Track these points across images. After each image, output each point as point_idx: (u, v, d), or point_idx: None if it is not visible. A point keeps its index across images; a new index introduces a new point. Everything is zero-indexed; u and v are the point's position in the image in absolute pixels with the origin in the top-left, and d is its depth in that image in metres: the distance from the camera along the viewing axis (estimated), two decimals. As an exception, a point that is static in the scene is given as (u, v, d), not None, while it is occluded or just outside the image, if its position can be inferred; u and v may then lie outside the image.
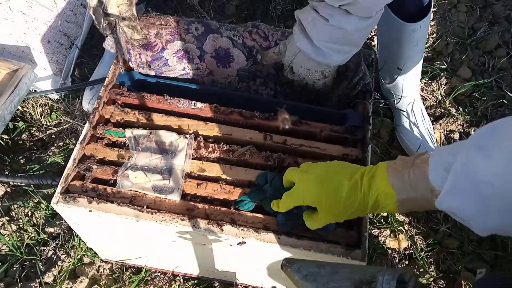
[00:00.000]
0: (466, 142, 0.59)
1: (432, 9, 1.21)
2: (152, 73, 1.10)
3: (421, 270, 1.26)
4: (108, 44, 1.07)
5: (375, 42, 1.62)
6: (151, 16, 1.06)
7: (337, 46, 0.90)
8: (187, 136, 0.96)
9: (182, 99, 1.02)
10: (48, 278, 1.20)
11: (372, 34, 1.69)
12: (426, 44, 1.66)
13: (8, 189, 1.38)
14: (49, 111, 1.51)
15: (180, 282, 1.21)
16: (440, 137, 1.48)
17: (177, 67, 1.08)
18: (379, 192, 0.69)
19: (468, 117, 1.51)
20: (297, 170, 0.81)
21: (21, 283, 1.20)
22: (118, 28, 1.02)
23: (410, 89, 1.42)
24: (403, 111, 1.45)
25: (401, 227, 1.31)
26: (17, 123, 1.48)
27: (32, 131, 1.48)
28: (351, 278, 0.56)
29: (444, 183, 0.59)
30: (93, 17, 1.00)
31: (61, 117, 1.49)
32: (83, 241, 1.21)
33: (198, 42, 1.05)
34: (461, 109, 1.53)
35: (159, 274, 1.22)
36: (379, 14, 0.88)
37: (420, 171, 0.64)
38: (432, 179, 0.62)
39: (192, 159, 0.95)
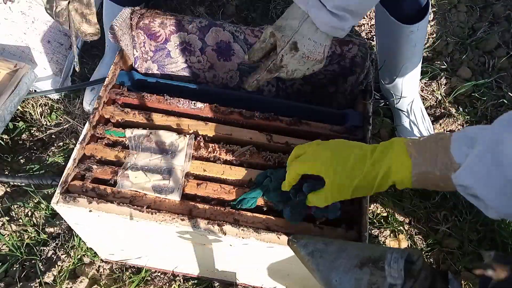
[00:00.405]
0: (495, 120, 0.56)
1: (430, 11, 1.21)
2: (155, 66, 1.10)
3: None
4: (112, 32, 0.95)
5: (375, 43, 1.62)
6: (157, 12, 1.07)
7: (348, 15, 0.80)
8: (187, 136, 0.96)
9: (182, 99, 1.02)
10: (48, 278, 1.20)
11: (371, 34, 1.69)
12: (426, 44, 1.66)
13: (8, 189, 1.38)
14: (49, 111, 1.51)
15: (180, 282, 1.21)
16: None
17: (179, 59, 1.08)
18: (393, 161, 0.66)
19: (468, 117, 1.51)
20: (306, 143, 0.79)
21: (21, 283, 1.20)
22: (68, 14, 0.89)
23: (409, 89, 1.42)
24: (403, 111, 1.45)
25: (401, 227, 1.31)
26: (17, 123, 1.48)
27: (32, 131, 1.48)
28: (358, 256, 0.55)
29: (465, 157, 0.56)
30: (46, 5, 0.88)
31: (61, 117, 1.49)
32: (83, 241, 1.21)
33: (200, 34, 1.05)
34: (461, 109, 1.53)
35: (159, 274, 1.22)
36: None
37: (442, 143, 0.61)
38: (453, 151, 0.59)
39: (192, 159, 0.95)
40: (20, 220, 1.31)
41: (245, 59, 0.92)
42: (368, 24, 1.72)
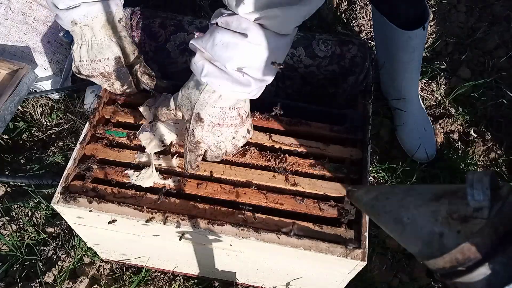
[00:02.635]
0: None
1: (430, 18, 1.21)
2: (155, 66, 1.10)
3: (421, 270, 1.26)
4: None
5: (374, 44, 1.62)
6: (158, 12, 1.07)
7: (254, 71, 0.73)
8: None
9: (182, 99, 1.02)
10: (48, 278, 1.20)
11: (371, 34, 1.70)
12: (425, 44, 1.66)
13: (9, 189, 1.38)
14: (49, 111, 1.51)
15: (180, 282, 1.21)
16: (441, 138, 1.48)
17: (179, 59, 1.09)
18: None
19: (468, 117, 1.51)
20: None
21: (21, 283, 1.20)
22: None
23: (409, 90, 1.42)
24: (402, 111, 1.45)
25: (401, 227, 1.31)
26: (18, 123, 1.48)
27: (32, 131, 1.49)
28: (432, 191, 0.47)
29: None
30: (119, 83, 0.95)
31: (62, 117, 1.50)
32: (83, 241, 1.21)
33: (201, 34, 1.05)
34: (460, 109, 1.53)
35: (159, 274, 1.22)
36: (295, 32, 0.77)
37: None
38: None
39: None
40: (20, 220, 1.31)
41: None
42: (368, 24, 1.72)
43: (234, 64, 0.71)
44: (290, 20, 0.71)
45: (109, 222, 0.89)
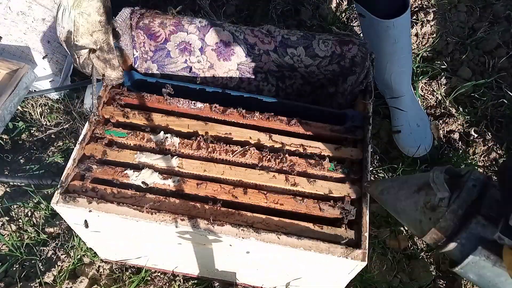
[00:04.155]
0: None
1: (409, 9, 1.22)
2: (155, 66, 1.10)
3: (421, 270, 1.26)
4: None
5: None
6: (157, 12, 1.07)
7: None
8: None
9: (182, 99, 1.02)
10: (48, 278, 1.20)
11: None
12: (425, 44, 1.66)
13: (8, 189, 1.38)
14: (48, 111, 1.51)
15: (180, 282, 1.21)
16: (438, 134, 1.48)
17: (179, 59, 1.08)
18: None
19: (468, 117, 1.51)
20: None
21: (21, 283, 1.20)
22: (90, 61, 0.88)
23: (399, 86, 1.42)
24: (398, 108, 1.44)
25: (401, 227, 1.31)
26: (17, 123, 1.48)
27: (32, 131, 1.48)
28: (416, 183, 0.57)
29: None
30: (67, 52, 0.88)
31: (61, 117, 1.49)
32: (83, 241, 1.21)
33: (200, 34, 1.05)
34: (461, 109, 1.53)
35: (159, 274, 1.22)
36: None
37: None
38: None
39: (192, 159, 0.95)
40: (20, 220, 1.31)
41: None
42: (368, 24, 1.72)
43: None
44: None
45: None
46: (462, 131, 1.49)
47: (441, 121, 1.50)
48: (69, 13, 0.84)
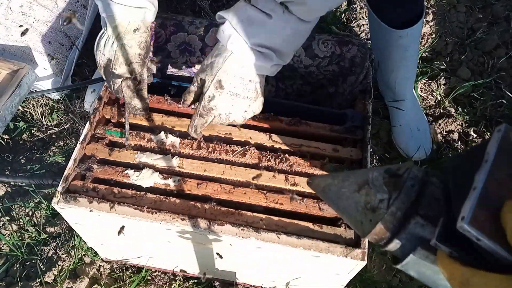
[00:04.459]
0: None
1: (423, 18, 1.21)
2: (154, 66, 1.10)
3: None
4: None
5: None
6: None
7: (273, 53, 0.77)
8: None
9: (182, 99, 1.02)
10: (49, 277, 1.20)
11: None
12: (425, 44, 1.66)
13: (9, 189, 1.38)
14: (49, 111, 1.51)
15: (180, 281, 1.21)
16: (437, 138, 1.48)
17: (179, 59, 1.09)
18: None
19: (467, 117, 1.51)
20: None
21: (21, 283, 1.20)
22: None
23: (402, 89, 1.42)
24: (396, 110, 1.45)
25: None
26: (18, 123, 1.48)
27: (32, 131, 1.49)
28: (357, 181, 0.56)
29: None
30: (104, 77, 0.93)
31: (62, 117, 1.50)
32: (83, 241, 1.21)
33: (201, 34, 1.05)
34: (460, 109, 1.53)
35: (159, 273, 1.22)
36: (317, 21, 0.79)
37: None
38: None
39: (192, 159, 0.95)
40: (21, 220, 1.31)
41: (181, 102, 0.89)
42: (367, 24, 1.72)
43: (257, 41, 0.75)
44: (316, 9, 0.74)
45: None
46: (461, 131, 1.50)
47: (440, 121, 1.51)
48: (112, 42, 0.88)
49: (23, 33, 1.32)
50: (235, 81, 0.80)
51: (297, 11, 0.74)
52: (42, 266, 1.23)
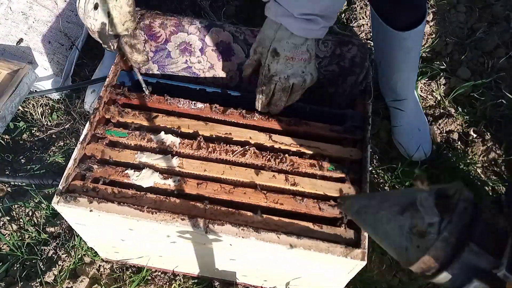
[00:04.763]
0: None
1: (425, 19, 1.21)
2: (155, 66, 1.10)
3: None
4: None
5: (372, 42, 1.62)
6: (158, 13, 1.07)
7: (318, 18, 0.85)
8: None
9: (182, 99, 1.02)
10: (49, 277, 1.20)
11: (371, 34, 1.70)
12: (425, 44, 1.66)
13: (9, 189, 1.38)
14: (49, 111, 1.51)
15: (180, 281, 1.21)
16: (437, 139, 1.48)
17: (179, 59, 1.09)
18: None
19: (467, 117, 1.51)
20: None
21: (21, 283, 1.20)
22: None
23: (404, 90, 1.42)
24: (397, 110, 1.45)
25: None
26: (18, 123, 1.48)
27: (33, 131, 1.49)
28: (399, 203, 0.51)
29: None
30: (100, 41, 0.97)
31: (62, 117, 1.50)
32: (83, 241, 1.21)
33: (201, 34, 1.06)
34: (460, 109, 1.53)
35: (159, 273, 1.22)
36: None
37: None
38: None
39: (192, 159, 0.95)
40: (21, 220, 1.31)
41: (242, 75, 0.98)
42: (367, 24, 1.72)
43: (301, 10, 0.83)
44: None
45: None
46: (461, 131, 1.50)
47: (440, 121, 1.51)
48: (101, 5, 0.92)
49: (18, 42, 1.35)
50: (288, 47, 0.88)
51: None
52: (42, 266, 1.23)
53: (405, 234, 0.48)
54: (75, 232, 1.21)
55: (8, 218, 1.32)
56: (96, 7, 0.92)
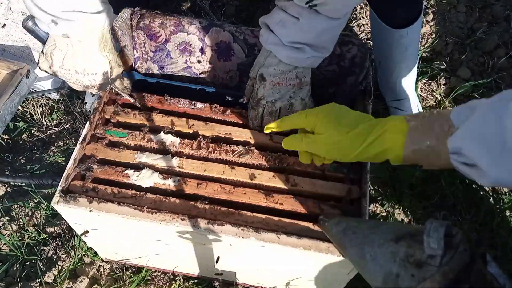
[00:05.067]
0: (495, 95, 0.54)
1: (421, 17, 1.22)
2: (155, 66, 1.10)
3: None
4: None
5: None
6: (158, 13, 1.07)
7: (307, 47, 0.88)
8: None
9: (182, 99, 1.02)
10: (49, 277, 1.20)
11: (371, 34, 1.70)
12: (425, 44, 1.66)
13: (9, 189, 1.38)
14: (49, 111, 1.51)
15: (180, 281, 1.21)
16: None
17: (179, 59, 1.09)
18: (389, 123, 0.63)
19: (468, 117, 1.51)
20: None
21: (21, 283, 1.20)
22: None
23: (404, 89, 1.43)
24: (400, 109, 1.45)
25: (401, 227, 1.31)
26: (18, 123, 1.48)
27: (32, 131, 1.49)
28: (394, 232, 0.52)
29: (465, 121, 0.54)
30: (98, 92, 0.97)
31: (62, 117, 1.50)
32: (83, 241, 1.21)
33: (201, 34, 1.05)
34: (460, 109, 1.53)
35: (159, 273, 1.22)
36: (347, 16, 0.88)
37: (442, 112, 0.59)
38: (452, 116, 0.57)
39: (192, 159, 0.95)
40: (21, 220, 1.31)
41: (243, 100, 1.00)
42: (367, 24, 1.72)
43: (290, 39, 0.86)
44: (339, 9, 0.83)
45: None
46: (461, 131, 1.50)
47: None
48: (100, 56, 0.91)
49: (2, 26, 1.32)
50: (275, 73, 0.91)
51: (324, 11, 0.83)
52: (42, 266, 1.23)
53: (398, 261, 0.48)
54: (75, 232, 1.21)
55: (8, 218, 1.32)
56: (91, 60, 0.91)
